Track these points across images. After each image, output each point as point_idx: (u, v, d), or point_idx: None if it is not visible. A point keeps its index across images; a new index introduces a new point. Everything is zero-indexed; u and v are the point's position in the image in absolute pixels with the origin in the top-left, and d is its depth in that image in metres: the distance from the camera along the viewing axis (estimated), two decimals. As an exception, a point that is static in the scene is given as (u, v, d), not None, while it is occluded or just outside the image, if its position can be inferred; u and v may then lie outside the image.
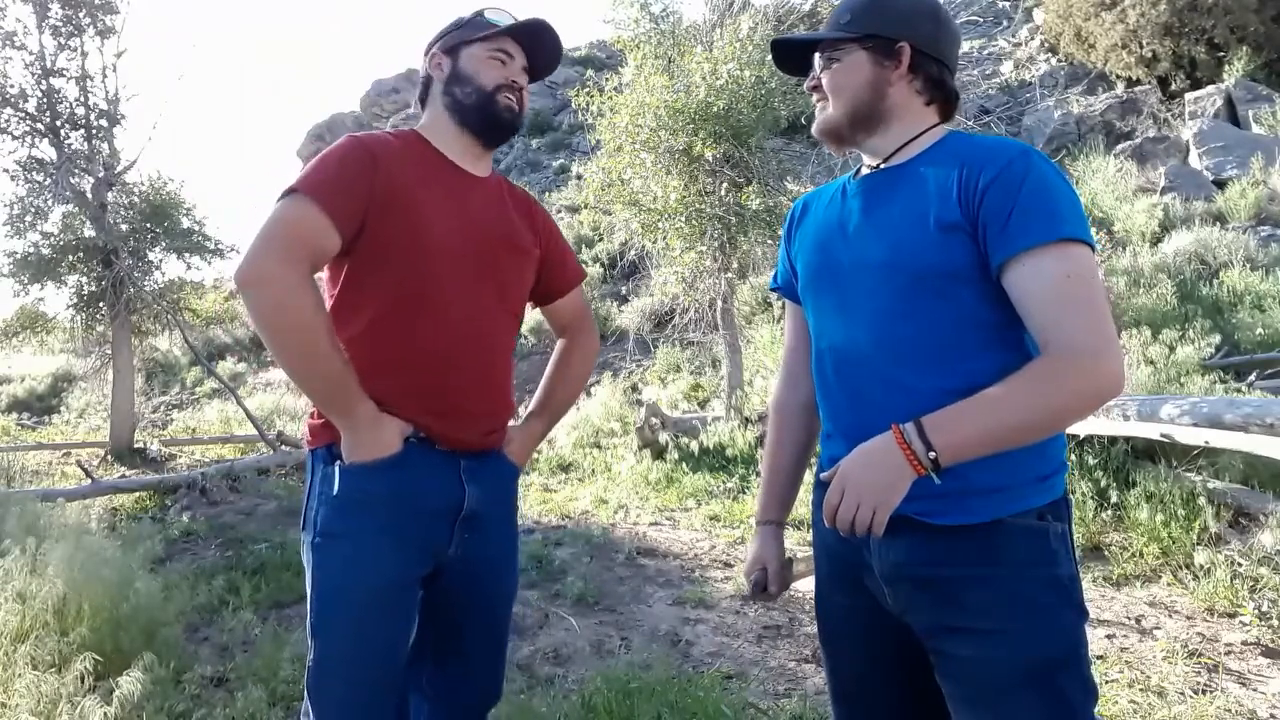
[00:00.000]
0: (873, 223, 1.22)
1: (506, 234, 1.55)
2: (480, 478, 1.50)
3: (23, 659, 2.57)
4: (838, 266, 1.25)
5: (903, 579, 1.17)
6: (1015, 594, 1.10)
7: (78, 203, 8.39)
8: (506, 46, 1.52)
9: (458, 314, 1.45)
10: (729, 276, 7.23)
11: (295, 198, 1.32)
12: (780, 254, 1.48)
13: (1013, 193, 1.09)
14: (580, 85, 7.60)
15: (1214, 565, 3.18)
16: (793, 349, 1.46)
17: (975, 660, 1.10)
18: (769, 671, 2.83)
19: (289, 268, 1.27)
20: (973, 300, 1.13)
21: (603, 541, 4.43)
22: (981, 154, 1.14)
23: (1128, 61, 12.51)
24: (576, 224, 14.50)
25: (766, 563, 1.41)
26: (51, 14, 8.22)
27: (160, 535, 4.82)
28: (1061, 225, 1.06)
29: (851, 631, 1.28)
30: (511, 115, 1.53)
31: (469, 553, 1.50)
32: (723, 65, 6.78)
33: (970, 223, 1.11)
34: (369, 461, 1.37)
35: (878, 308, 1.18)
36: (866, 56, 1.23)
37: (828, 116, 1.27)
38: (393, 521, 1.39)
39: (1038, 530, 1.13)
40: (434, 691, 1.57)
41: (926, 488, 1.07)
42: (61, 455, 8.70)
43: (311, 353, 1.30)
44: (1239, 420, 3.37)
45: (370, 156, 1.39)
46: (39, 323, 9.40)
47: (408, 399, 1.42)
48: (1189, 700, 2.42)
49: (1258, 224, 7.89)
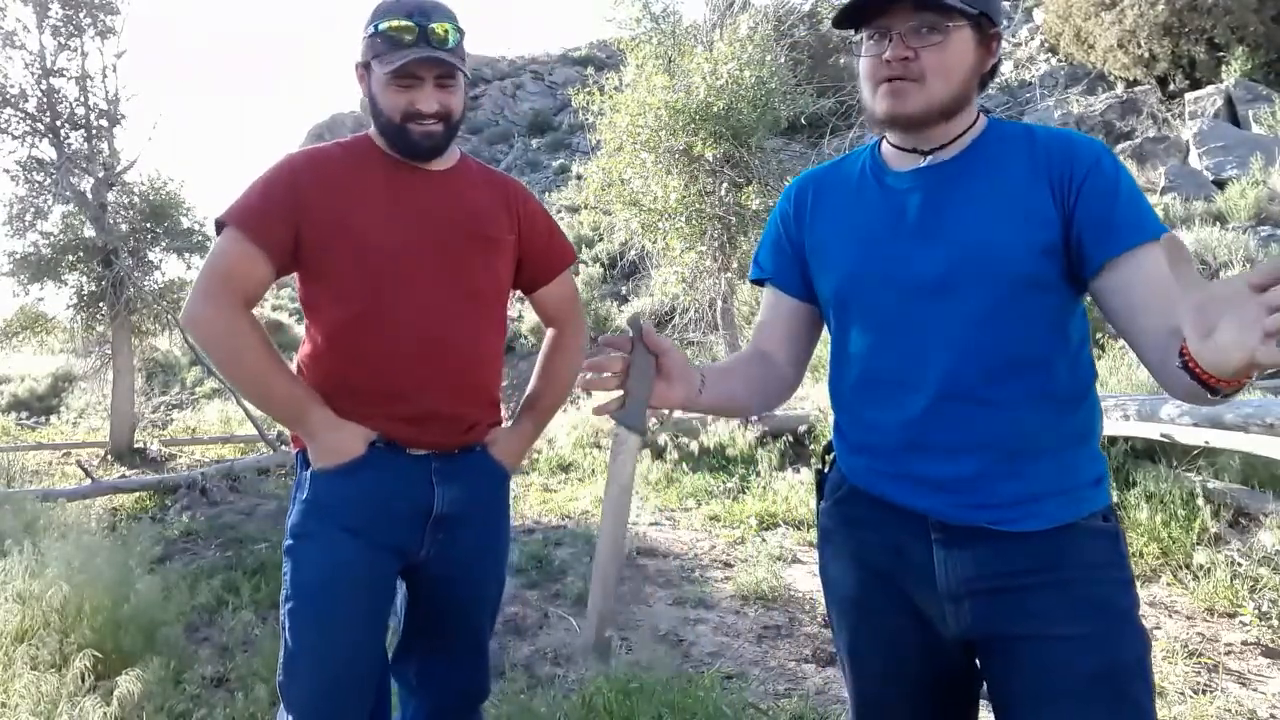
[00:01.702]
0: (944, 222, 1.11)
1: (467, 224, 1.51)
2: (455, 478, 1.50)
3: (23, 659, 2.57)
4: (895, 270, 1.12)
5: (974, 593, 1.09)
6: (1092, 597, 1.06)
7: (78, 203, 8.39)
8: (410, 70, 1.40)
9: (410, 316, 1.45)
10: (729, 276, 7.23)
11: (224, 232, 1.42)
12: (772, 238, 1.32)
13: (1112, 191, 1.04)
14: (580, 85, 7.60)
15: (1214, 565, 3.18)
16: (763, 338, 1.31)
17: (1049, 667, 1.05)
18: (769, 671, 2.83)
19: (217, 308, 1.39)
20: (1052, 306, 1.09)
21: (603, 541, 4.43)
22: (1064, 146, 1.09)
23: (1126, 62, 12.52)
24: (576, 224, 14.51)
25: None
26: (51, 14, 8.21)
27: (160, 535, 4.82)
28: (1159, 223, 1.04)
29: (886, 649, 1.19)
30: (431, 140, 1.45)
31: (445, 553, 1.51)
32: (723, 65, 6.79)
33: (1064, 221, 1.06)
34: (333, 466, 1.42)
35: (958, 316, 1.08)
36: (973, 37, 1.09)
37: (926, 101, 1.08)
38: (360, 523, 1.42)
39: (1108, 532, 1.10)
40: (419, 687, 1.59)
41: (995, 495, 1.07)
42: (61, 455, 8.69)
43: (251, 377, 1.42)
44: (1239, 420, 3.37)
45: (292, 177, 1.44)
46: (39, 323, 9.41)
47: (371, 409, 1.45)
48: (1189, 700, 2.42)
49: (1258, 224, 7.89)
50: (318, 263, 1.46)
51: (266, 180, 1.45)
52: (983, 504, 1.06)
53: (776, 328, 1.31)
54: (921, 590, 1.13)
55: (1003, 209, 1.08)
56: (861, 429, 1.20)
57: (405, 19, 1.38)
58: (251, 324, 1.42)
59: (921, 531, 1.12)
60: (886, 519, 1.16)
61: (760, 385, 1.27)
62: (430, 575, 1.53)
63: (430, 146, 1.46)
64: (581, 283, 12.39)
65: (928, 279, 1.10)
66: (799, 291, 1.29)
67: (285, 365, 1.44)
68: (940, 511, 1.10)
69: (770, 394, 1.29)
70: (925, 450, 1.11)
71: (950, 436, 1.09)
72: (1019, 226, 1.06)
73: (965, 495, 1.09)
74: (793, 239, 1.28)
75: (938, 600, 1.11)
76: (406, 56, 1.37)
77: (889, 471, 1.15)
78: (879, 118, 1.12)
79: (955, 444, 1.09)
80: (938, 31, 1.06)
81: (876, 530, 1.17)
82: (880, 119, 1.12)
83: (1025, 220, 1.06)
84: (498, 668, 2.91)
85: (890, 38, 1.08)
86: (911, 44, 1.06)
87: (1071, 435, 1.11)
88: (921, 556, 1.11)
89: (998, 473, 1.08)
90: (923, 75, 1.07)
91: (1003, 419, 1.07)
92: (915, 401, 1.11)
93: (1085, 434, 1.13)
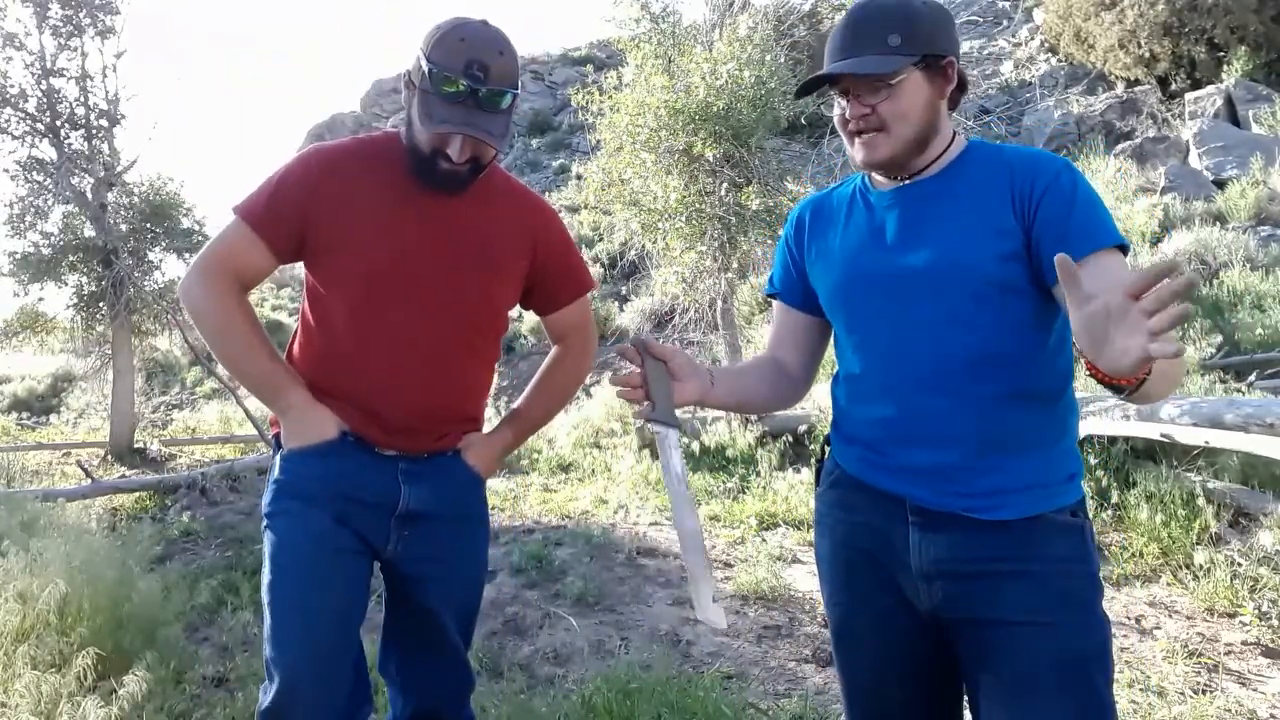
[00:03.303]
0: (919, 233, 1.21)
1: (472, 252, 1.50)
2: (422, 479, 1.51)
3: (23, 659, 2.57)
4: (876, 277, 1.25)
5: (944, 574, 1.18)
6: (1057, 588, 1.14)
7: (78, 203, 8.39)
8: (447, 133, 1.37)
9: (395, 337, 1.46)
10: (729, 276, 7.23)
11: (233, 221, 1.49)
12: (781, 258, 1.46)
13: (1068, 202, 1.13)
14: (580, 85, 7.60)
15: (1214, 565, 3.18)
16: (775, 346, 1.46)
17: (1015, 653, 1.13)
18: (769, 671, 2.83)
19: (206, 285, 1.46)
20: (1023, 309, 1.17)
21: (603, 541, 4.43)
22: (1027, 164, 1.18)
23: (1126, 62, 12.52)
24: (576, 224, 14.50)
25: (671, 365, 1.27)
26: (51, 14, 8.22)
27: (160, 535, 4.82)
28: (1114, 232, 1.13)
29: (874, 629, 1.28)
30: (456, 179, 1.43)
31: (412, 552, 1.52)
32: (722, 65, 6.78)
33: (1025, 231, 1.15)
34: (305, 447, 1.45)
35: (933, 317, 1.19)
36: (922, 77, 1.19)
37: (893, 146, 1.20)
38: (328, 500, 1.45)
39: (1075, 526, 1.18)
40: (402, 686, 1.61)
41: (971, 485, 1.16)
42: (61, 455, 8.69)
43: (233, 354, 1.47)
44: (1239, 420, 3.38)
45: (304, 178, 1.46)
46: (39, 323, 9.41)
47: (348, 412, 1.48)
48: (1189, 700, 2.42)
49: (1258, 224, 7.89)
50: (317, 261, 1.49)
51: (281, 176, 1.48)
52: (958, 493, 1.17)
53: (785, 337, 1.45)
54: (899, 569, 1.23)
55: (969, 221, 1.18)
56: (852, 422, 1.32)
57: (462, 76, 1.33)
58: (238, 301, 1.48)
59: (901, 515, 1.22)
60: (871, 503, 1.27)
61: (772, 385, 1.42)
62: (400, 574, 1.55)
63: (453, 184, 1.44)
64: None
65: (905, 285, 1.21)
66: (803, 305, 1.42)
67: (269, 345, 1.49)
68: (919, 497, 1.21)
69: (781, 393, 1.43)
70: (907, 442, 1.22)
71: (929, 430, 1.19)
72: (983, 236, 1.17)
73: (942, 484, 1.19)
74: (795, 259, 1.42)
75: (913, 580, 1.22)
76: (448, 122, 1.34)
77: (876, 461, 1.26)
78: (858, 164, 1.26)
79: (934, 437, 1.19)
80: (885, 87, 1.17)
81: (863, 513, 1.29)
82: (859, 166, 1.27)
83: (989, 230, 1.17)
84: (498, 668, 2.92)
85: (848, 98, 1.21)
86: (867, 101, 1.19)
87: (1047, 433, 1.19)
88: (900, 538, 1.22)
89: (974, 465, 1.17)
90: (884, 125, 1.19)
91: (978, 414, 1.17)
92: (898, 398, 1.22)
93: (1061, 432, 1.21)
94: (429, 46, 1.37)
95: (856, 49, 1.17)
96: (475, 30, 1.37)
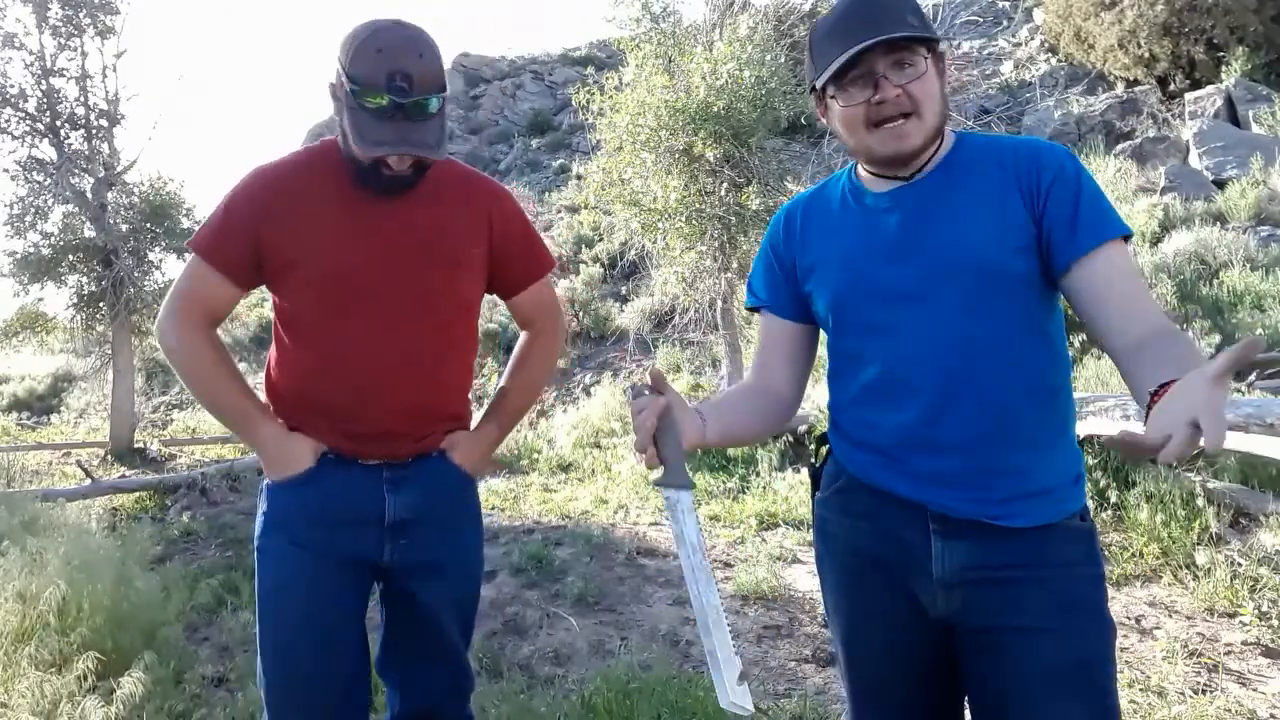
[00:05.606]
0: (928, 234, 1.17)
1: (430, 246, 1.47)
2: (408, 486, 1.51)
3: (24, 659, 2.57)
4: (887, 284, 1.19)
5: (965, 582, 1.17)
6: (1068, 594, 1.14)
7: (78, 203, 8.39)
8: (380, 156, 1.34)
9: (365, 340, 1.45)
10: (729, 276, 7.23)
11: (190, 259, 1.51)
12: (764, 267, 1.38)
13: (1074, 193, 1.12)
14: (580, 85, 7.60)
15: (1214, 565, 3.18)
16: (763, 366, 1.38)
17: (1029, 658, 1.12)
18: (769, 671, 2.83)
19: (174, 324, 1.49)
20: (1032, 301, 1.16)
21: (603, 541, 4.43)
22: (1030, 154, 1.16)
23: (1126, 62, 12.52)
24: (576, 224, 14.50)
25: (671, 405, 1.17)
26: (51, 14, 8.22)
27: (160, 535, 4.82)
28: (1119, 222, 1.12)
29: (883, 633, 1.26)
30: (400, 182, 1.40)
31: (406, 558, 1.52)
32: (722, 65, 6.78)
33: (1035, 222, 1.13)
34: (284, 479, 1.47)
35: (951, 318, 1.15)
36: (933, 63, 1.14)
37: (925, 133, 1.14)
38: (308, 537, 1.46)
39: (1085, 531, 1.18)
40: (402, 688, 1.61)
41: (989, 489, 1.15)
42: (61, 455, 8.69)
43: (203, 390, 1.52)
44: (1239, 420, 3.37)
45: (249, 199, 1.46)
46: (39, 323, 9.42)
47: (321, 425, 1.49)
48: (1189, 700, 2.42)
49: (1258, 224, 7.89)
50: (278, 280, 1.48)
51: (227, 206, 1.47)
52: (980, 499, 1.15)
53: (775, 352, 1.37)
54: (916, 576, 1.20)
55: (978, 215, 1.15)
56: (863, 428, 1.26)
57: (385, 91, 1.28)
58: (206, 338, 1.51)
59: (921, 522, 1.19)
60: (886, 509, 1.23)
61: (761, 417, 1.35)
62: (395, 580, 1.55)
63: (400, 187, 1.41)
64: (581, 283, 12.36)
65: (910, 289, 1.17)
66: (793, 314, 1.35)
67: (240, 381, 1.52)
68: (940, 504, 1.17)
69: (771, 422, 1.36)
70: (925, 447, 1.18)
71: (947, 434, 1.16)
72: (997, 230, 1.14)
73: (963, 490, 1.16)
74: (784, 263, 1.35)
75: (931, 587, 1.19)
76: (381, 144, 1.30)
77: (891, 466, 1.22)
78: (882, 158, 1.17)
79: (952, 441, 1.16)
80: (914, 65, 1.12)
81: (873, 519, 1.24)
82: (884, 159, 1.17)
83: (1002, 224, 1.14)
84: (498, 668, 2.91)
85: (876, 82, 1.12)
86: (898, 82, 1.12)
87: (1054, 426, 1.19)
88: (919, 545, 1.19)
89: (993, 467, 1.15)
90: (916, 107, 1.12)
91: (997, 414, 1.15)
92: (913, 403, 1.18)
93: (1065, 425, 1.21)
94: (347, 60, 1.30)
95: (884, 26, 1.09)
96: (390, 36, 1.30)
